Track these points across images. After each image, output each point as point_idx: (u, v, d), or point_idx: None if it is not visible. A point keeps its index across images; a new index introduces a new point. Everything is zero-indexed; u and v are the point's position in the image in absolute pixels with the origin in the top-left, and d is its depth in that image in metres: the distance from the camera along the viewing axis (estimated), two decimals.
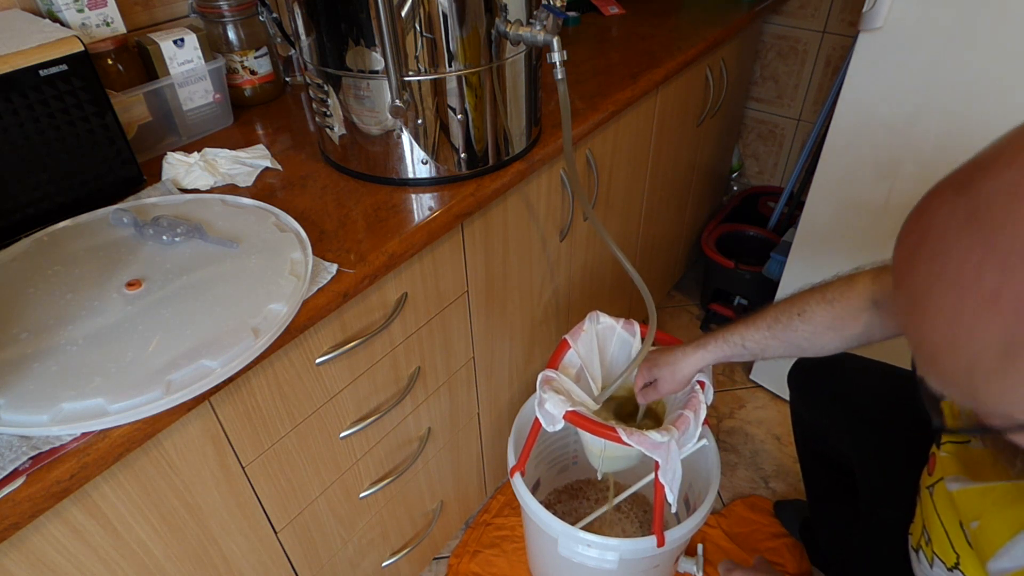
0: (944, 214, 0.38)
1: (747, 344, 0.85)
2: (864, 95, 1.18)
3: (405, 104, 0.77)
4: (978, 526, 0.59)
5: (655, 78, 1.20)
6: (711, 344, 0.89)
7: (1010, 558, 0.55)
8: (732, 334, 0.87)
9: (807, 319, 0.79)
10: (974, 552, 0.60)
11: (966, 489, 0.62)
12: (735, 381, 1.73)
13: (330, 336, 0.78)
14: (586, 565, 0.99)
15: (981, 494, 0.60)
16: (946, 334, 0.38)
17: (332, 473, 0.89)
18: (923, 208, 0.40)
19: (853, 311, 0.76)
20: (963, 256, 0.36)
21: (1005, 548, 0.55)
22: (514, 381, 1.27)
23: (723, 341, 0.87)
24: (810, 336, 0.80)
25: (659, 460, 0.88)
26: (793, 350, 0.83)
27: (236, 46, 1.03)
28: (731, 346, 0.87)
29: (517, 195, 1.00)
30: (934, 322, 0.38)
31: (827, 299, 0.78)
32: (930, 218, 0.39)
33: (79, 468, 0.53)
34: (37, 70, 0.71)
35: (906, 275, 0.40)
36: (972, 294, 0.35)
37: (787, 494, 1.45)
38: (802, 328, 0.80)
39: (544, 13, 0.80)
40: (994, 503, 0.58)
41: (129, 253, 0.72)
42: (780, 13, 1.81)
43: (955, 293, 0.36)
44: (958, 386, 0.40)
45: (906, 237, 0.41)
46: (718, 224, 1.88)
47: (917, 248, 0.39)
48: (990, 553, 0.57)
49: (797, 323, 0.80)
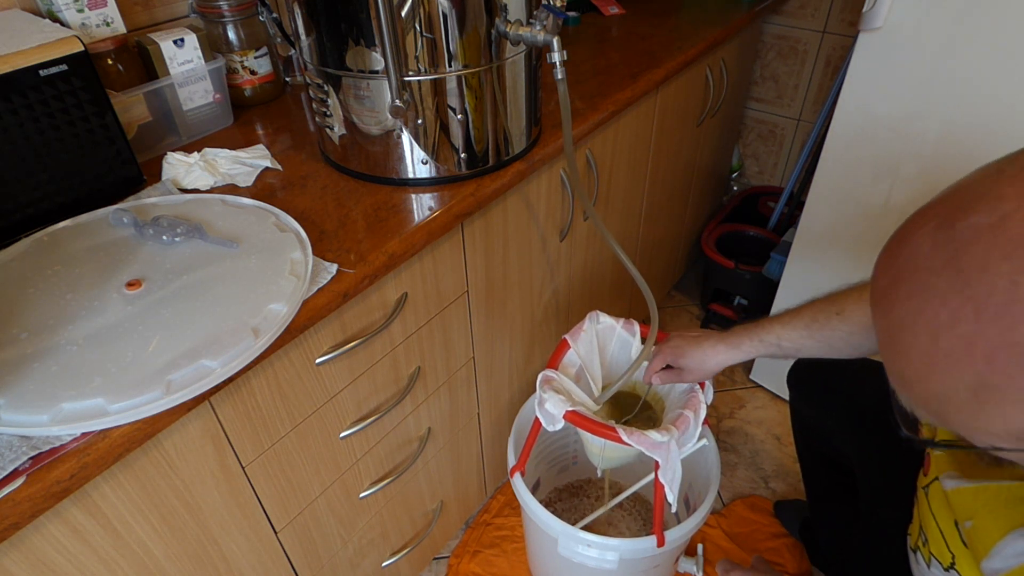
0: (925, 252, 0.38)
1: (783, 344, 0.83)
2: (864, 95, 1.18)
3: (405, 104, 0.77)
4: (971, 526, 0.59)
5: (655, 78, 1.20)
6: (745, 344, 0.86)
7: (1001, 558, 0.55)
8: (767, 333, 0.84)
9: (846, 319, 0.78)
10: (969, 552, 0.60)
11: (960, 488, 0.63)
12: (735, 381, 1.73)
13: (330, 336, 0.78)
14: (586, 565, 0.99)
15: (974, 494, 0.61)
16: (919, 369, 0.39)
17: (332, 473, 0.89)
18: (904, 239, 0.40)
19: None
20: (940, 301, 0.37)
21: (997, 548, 0.55)
22: (514, 381, 1.27)
23: (759, 341, 0.85)
24: (847, 336, 0.78)
25: (659, 460, 0.87)
26: (829, 351, 0.81)
27: (236, 46, 1.03)
28: (766, 346, 0.84)
29: (517, 195, 1.00)
30: (908, 357, 0.39)
31: (865, 299, 0.77)
32: (911, 252, 0.39)
33: (79, 468, 0.53)
34: (37, 70, 0.71)
35: (884, 307, 0.41)
36: (946, 338, 0.37)
37: (787, 494, 1.45)
38: (841, 328, 0.78)
39: (544, 13, 0.80)
40: (986, 503, 0.58)
41: (129, 253, 0.72)
42: (780, 13, 1.81)
43: (930, 334, 0.37)
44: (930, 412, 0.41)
45: (886, 268, 0.42)
46: (718, 224, 1.88)
47: (896, 283, 0.40)
48: (983, 553, 0.57)
49: (836, 323, 0.78)
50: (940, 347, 0.37)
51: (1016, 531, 0.54)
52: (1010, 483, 0.57)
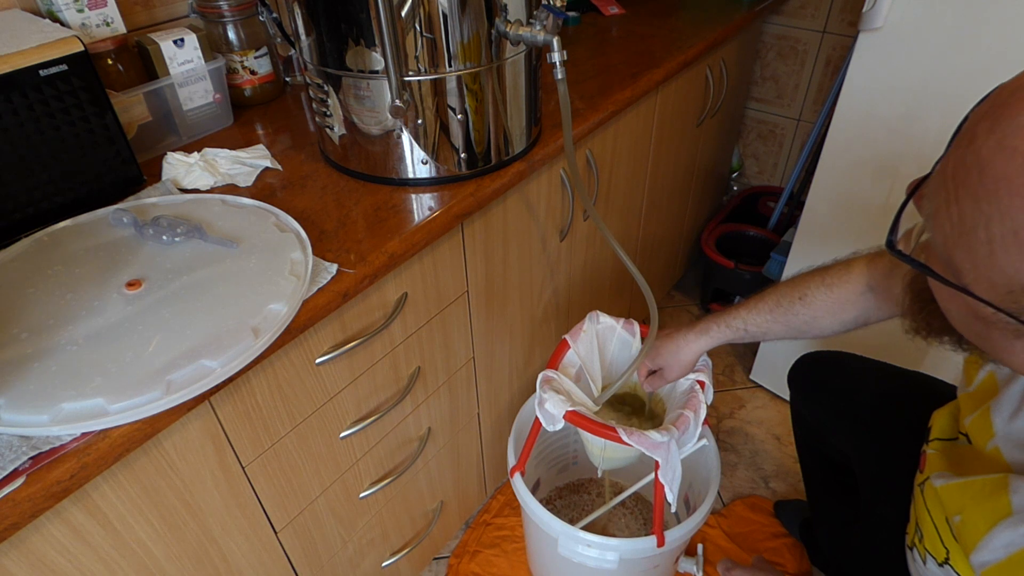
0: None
1: (749, 328, 0.87)
2: (864, 95, 1.18)
3: (405, 104, 0.77)
4: (960, 520, 0.60)
5: (655, 78, 1.20)
6: (713, 329, 0.90)
7: (989, 550, 0.55)
8: (734, 318, 0.88)
9: (808, 304, 0.82)
10: (960, 546, 0.61)
11: (948, 484, 0.63)
12: (735, 381, 1.73)
13: (330, 336, 0.78)
14: (586, 565, 0.99)
15: (961, 488, 0.61)
16: (989, 186, 0.38)
17: (332, 473, 0.89)
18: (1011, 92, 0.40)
19: (851, 296, 0.79)
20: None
21: (984, 540, 0.55)
22: (514, 381, 1.27)
23: (725, 326, 0.89)
24: (810, 320, 0.82)
25: (659, 460, 0.88)
26: (794, 332, 0.85)
27: (236, 46, 1.03)
28: (733, 331, 0.89)
29: (517, 195, 1.00)
30: (995, 188, 0.38)
31: (826, 284, 0.81)
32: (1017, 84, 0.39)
33: (79, 468, 0.53)
34: (37, 70, 0.71)
35: (976, 142, 0.40)
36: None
37: (787, 494, 1.45)
38: (803, 312, 0.82)
39: (544, 13, 0.80)
40: (973, 497, 0.59)
41: (129, 253, 0.72)
42: (780, 13, 1.81)
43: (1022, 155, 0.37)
44: (953, 234, 0.41)
45: (988, 113, 0.41)
46: (718, 224, 1.88)
47: (995, 125, 0.39)
48: (972, 546, 0.57)
49: (799, 307, 0.82)
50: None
51: (1002, 522, 0.54)
52: (995, 476, 0.57)
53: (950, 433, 0.70)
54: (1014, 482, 0.55)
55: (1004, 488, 0.55)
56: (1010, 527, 0.53)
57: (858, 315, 0.80)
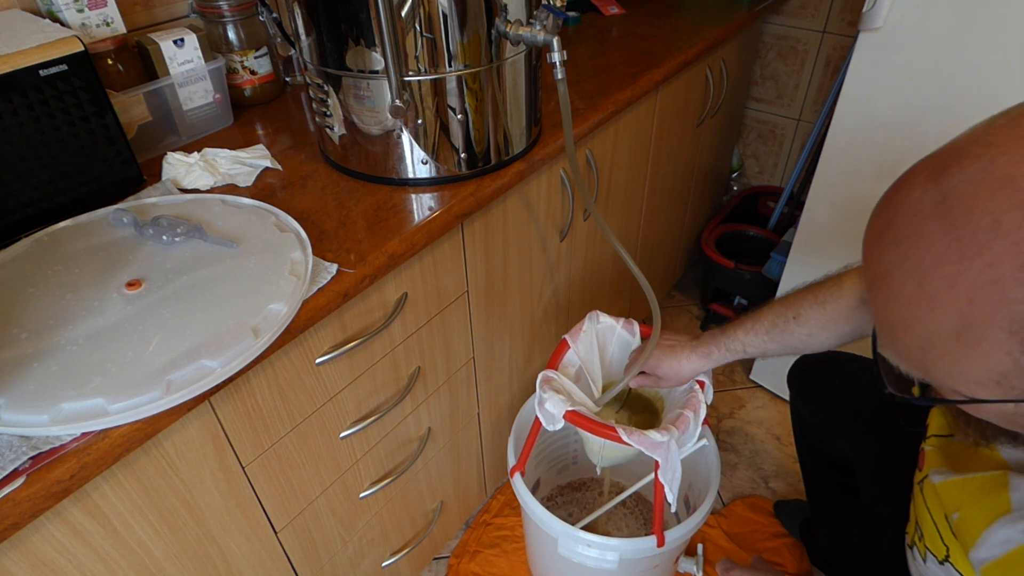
0: (915, 199, 0.39)
1: (748, 349, 0.88)
2: (864, 95, 1.18)
3: (405, 104, 0.77)
4: (959, 516, 0.60)
5: (655, 78, 1.20)
6: (715, 353, 0.91)
7: (987, 547, 0.55)
8: (733, 341, 0.89)
9: (802, 322, 0.82)
10: (959, 543, 0.61)
11: (946, 481, 0.64)
12: (735, 381, 1.73)
13: (330, 336, 0.78)
14: (586, 565, 0.99)
15: (960, 485, 0.61)
16: (905, 315, 0.40)
17: (332, 473, 0.89)
18: (897, 189, 0.42)
19: (844, 311, 0.79)
20: (927, 243, 0.38)
21: (982, 538, 0.56)
22: (514, 381, 1.27)
23: (726, 349, 0.90)
24: (805, 337, 0.83)
25: (659, 460, 0.88)
26: (791, 350, 0.86)
27: (236, 46, 1.03)
28: (733, 353, 0.90)
29: (517, 195, 1.00)
30: (895, 302, 0.40)
31: (819, 301, 0.81)
32: (902, 200, 0.41)
33: (79, 468, 0.53)
34: (37, 70, 0.71)
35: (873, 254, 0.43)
36: (931, 279, 0.37)
37: (787, 494, 1.45)
38: (798, 331, 0.83)
39: (544, 13, 0.80)
40: (971, 494, 0.59)
41: (129, 253, 0.72)
42: (780, 13, 1.81)
43: (916, 278, 0.38)
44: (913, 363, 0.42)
45: (878, 216, 0.43)
46: (718, 224, 1.88)
47: (886, 230, 0.41)
48: (971, 543, 0.57)
49: (793, 326, 0.83)
50: (925, 290, 0.38)
51: (1000, 519, 0.54)
52: (993, 473, 0.57)
53: (947, 429, 0.70)
54: (1014, 479, 0.55)
55: (1003, 485, 0.55)
56: (1008, 524, 0.53)
57: (853, 329, 0.80)
